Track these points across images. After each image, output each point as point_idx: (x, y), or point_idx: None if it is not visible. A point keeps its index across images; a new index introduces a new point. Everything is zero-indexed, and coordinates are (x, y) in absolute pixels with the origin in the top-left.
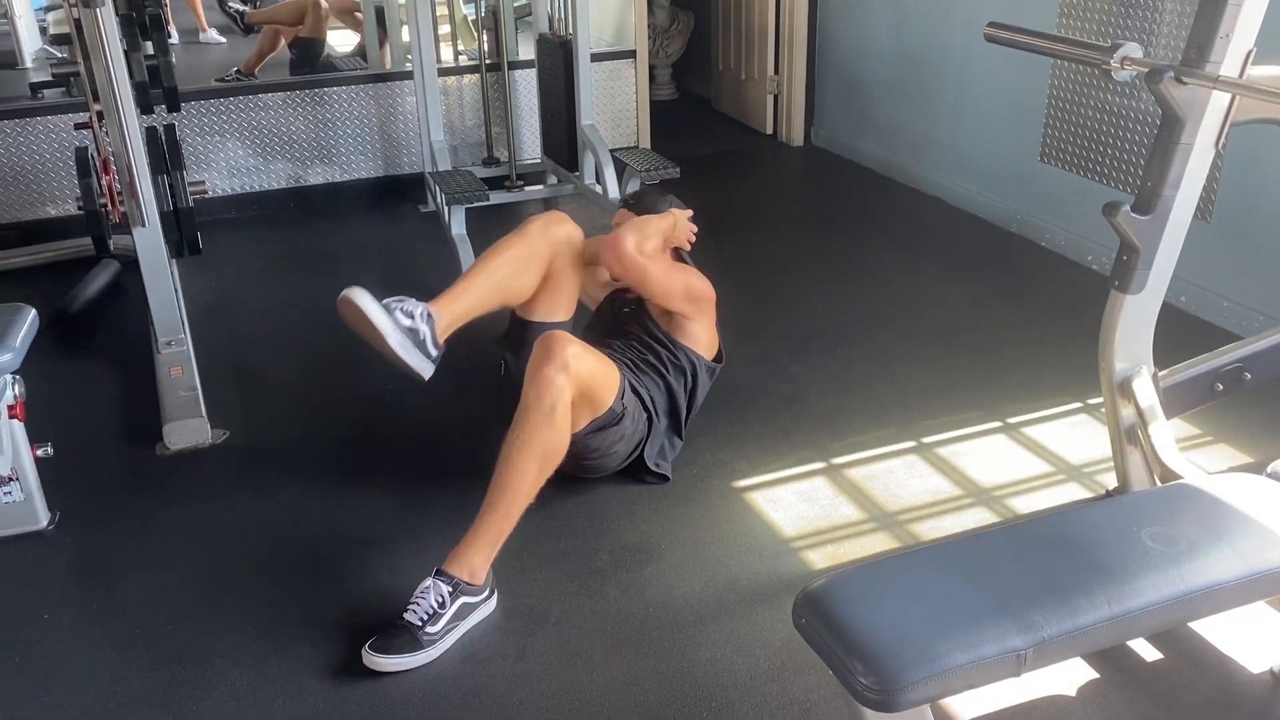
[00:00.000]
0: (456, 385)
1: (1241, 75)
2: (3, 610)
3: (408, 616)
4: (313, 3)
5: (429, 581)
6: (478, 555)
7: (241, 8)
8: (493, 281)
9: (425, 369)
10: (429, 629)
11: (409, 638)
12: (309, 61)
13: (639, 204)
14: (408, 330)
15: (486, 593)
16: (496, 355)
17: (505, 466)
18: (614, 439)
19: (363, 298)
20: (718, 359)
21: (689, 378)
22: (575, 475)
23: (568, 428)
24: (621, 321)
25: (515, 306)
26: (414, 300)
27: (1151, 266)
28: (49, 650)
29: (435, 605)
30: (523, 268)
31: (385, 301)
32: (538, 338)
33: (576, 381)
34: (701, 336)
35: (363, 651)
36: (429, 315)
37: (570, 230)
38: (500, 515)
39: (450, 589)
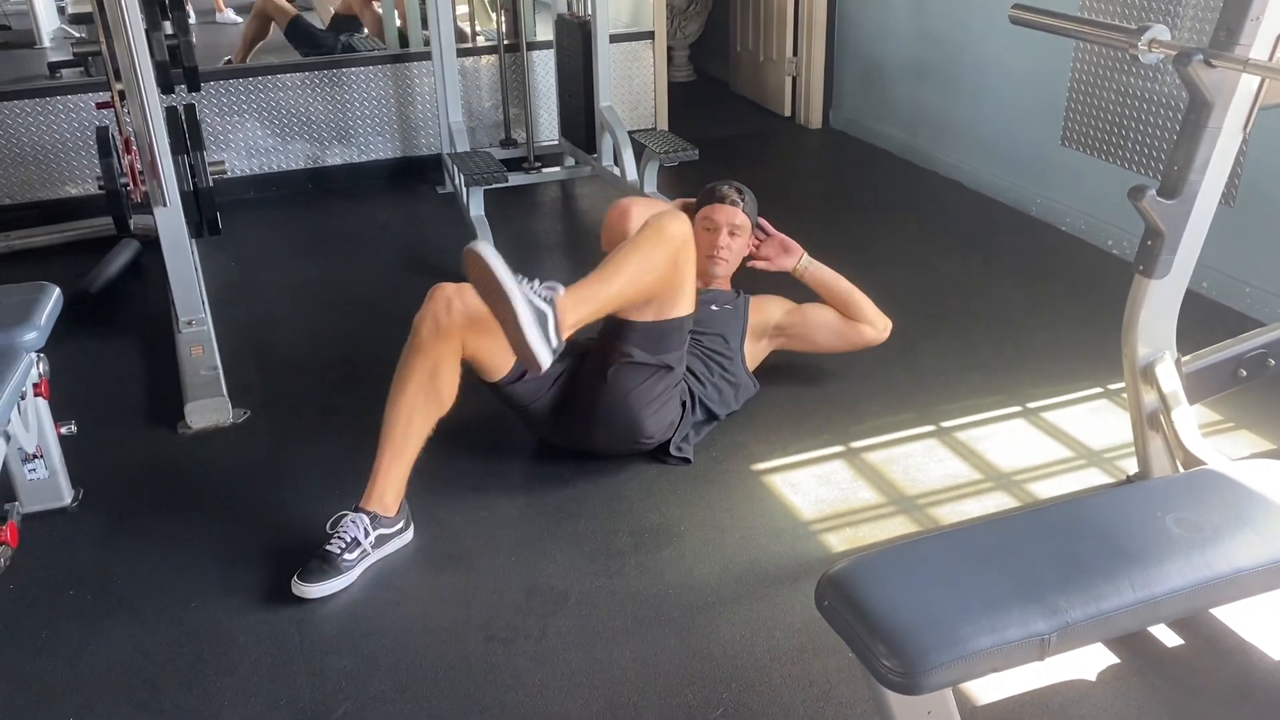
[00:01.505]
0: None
1: (1271, 58)
2: (28, 586)
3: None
4: None
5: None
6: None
7: None
8: (414, 427)
9: (403, 543)
10: (346, 556)
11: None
12: (309, 43)
13: (745, 202)
14: (361, 556)
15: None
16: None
17: (617, 255)
18: (652, 387)
19: (309, 589)
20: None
21: (739, 392)
22: (604, 449)
23: (673, 257)
24: (712, 320)
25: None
26: (349, 518)
27: (1176, 251)
28: (73, 626)
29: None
30: (432, 383)
31: (327, 550)
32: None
33: (685, 252)
34: (757, 358)
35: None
36: (372, 522)
37: (461, 305)
38: (607, 284)
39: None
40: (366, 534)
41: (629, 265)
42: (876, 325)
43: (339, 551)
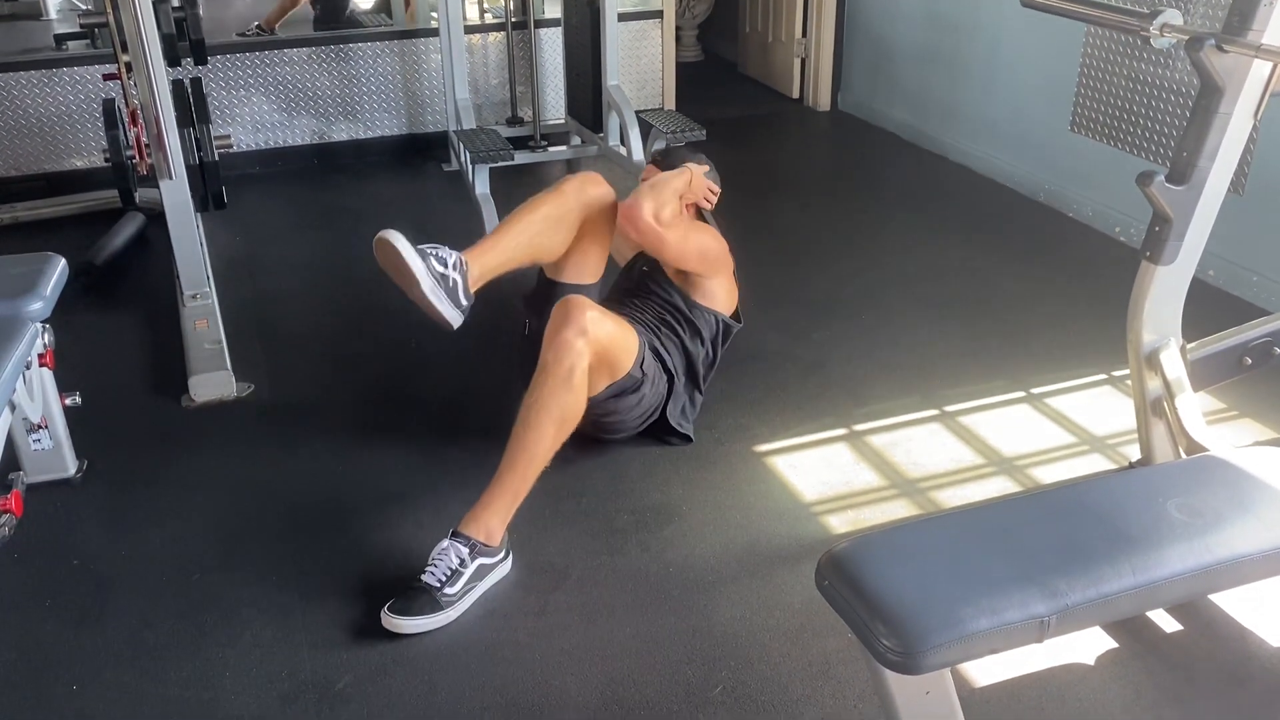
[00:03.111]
0: (480, 342)
1: None
2: (32, 556)
3: (426, 578)
4: None
5: (446, 543)
6: (494, 516)
7: None
8: (526, 236)
9: (455, 318)
10: (447, 590)
11: (428, 599)
12: (334, 17)
13: (666, 160)
14: (440, 277)
15: (502, 554)
16: (520, 314)
17: (522, 429)
18: (634, 403)
19: (398, 240)
20: (735, 317)
21: (705, 337)
22: (596, 437)
23: (584, 391)
24: (640, 279)
25: (544, 265)
26: (448, 248)
27: (1184, 238)
28: (77, 596)
29: (454, 566)
30: (554, 226)
31: (420, 247)
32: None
33: (594, 346)
34: (719, 294)
35: (382, 614)
36: (462, 263)
37: (604, 192)
38: (517, 477)
39: (468, 550)
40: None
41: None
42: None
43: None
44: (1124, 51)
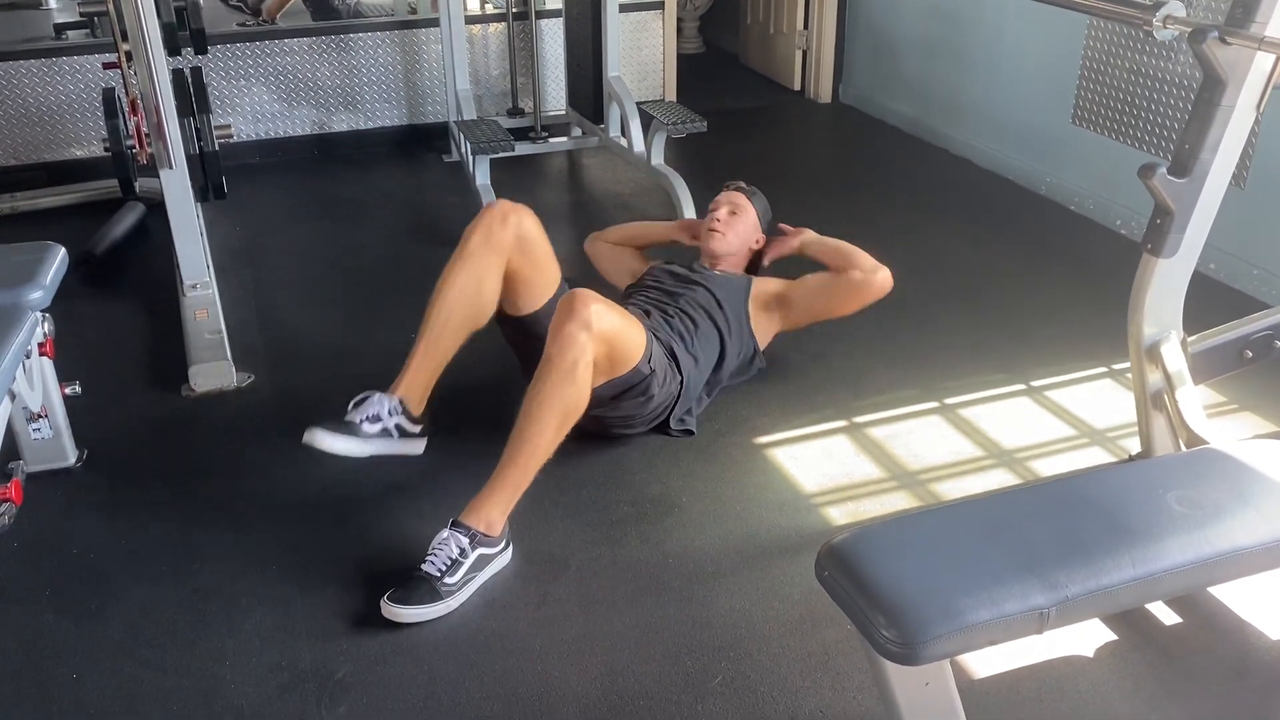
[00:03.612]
0: (481, 334)
1: None
2: (32, 545)
3: (426, 568)
4: None
5: (446, 533)
6: (495, 507)
7: None
8: (450, 328)
9: (416, 450)
10: (447, 580)
11: (428, 588)
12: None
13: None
14: (382, 434)
15: (503, 544)
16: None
17: (525, 421)
18: (642, 403)
19: (325, 440)
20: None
21: (737, 353)
22: (602, 434)
23: (588, 385)
24: (688, 283)
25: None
26: (376, 396)
27: (1185, 231)
28: (77, 585)
29: (454, 556)
30: (475, 292)
31: (348, 419)
32: (550, 311)
33: (599, 339)
34: (769, 333)
35: (382, 602)
36: (399, 406)
37: (516, 221)
38: (518, 469)
39: (468, 540)
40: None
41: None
42: (868, 270)
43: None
44: (1126, 44)
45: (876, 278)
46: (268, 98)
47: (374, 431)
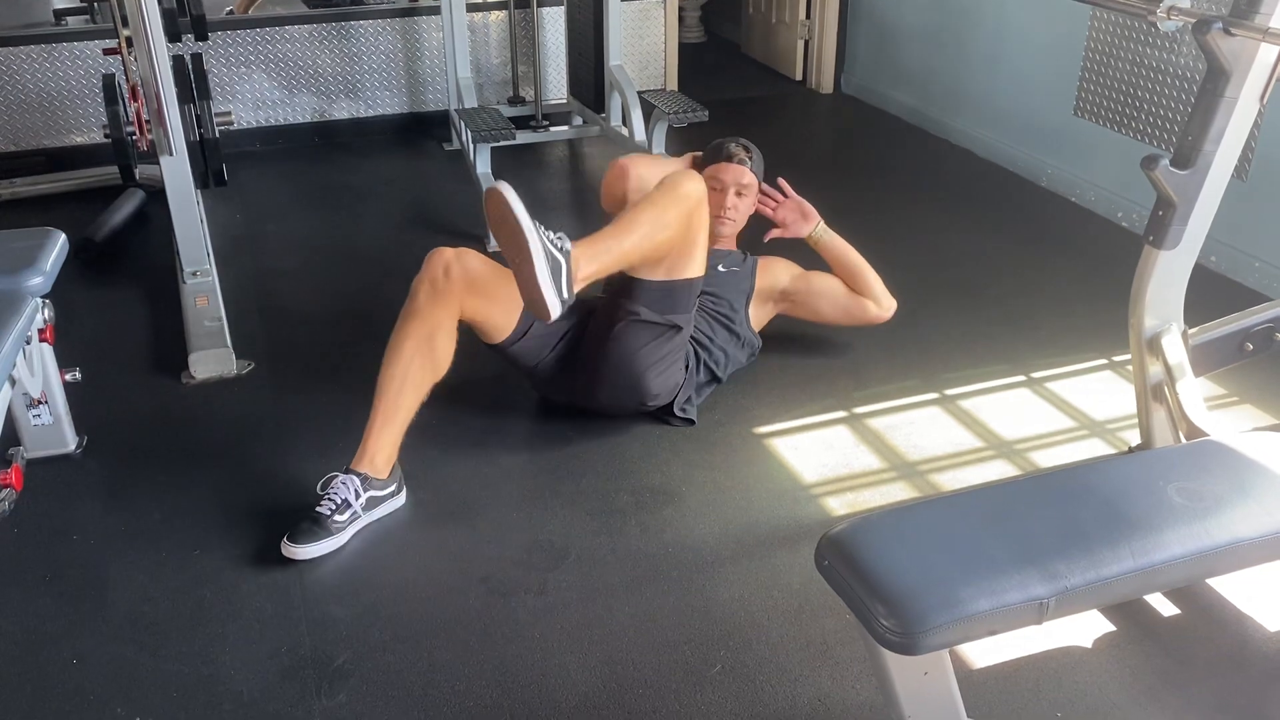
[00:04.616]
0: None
1: None
2: (32, 530)
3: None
4: None
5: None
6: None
7: None
8: (407, 389)
9: (396, 506)
10: (336, 518)
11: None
12: None
13: (753, 158)
14: (352, 519)
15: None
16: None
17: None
18: (660, 343)
19: (301, 551)
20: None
21: (743, 352)
22: (606, 411)
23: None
24: (719, 282)
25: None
26: (340, 479)
27: (1187, 223)
28: (77, 570)
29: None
30: (429, 348)
31: (318, 512)
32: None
33: (684, 217)
34: (764, 319)
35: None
36: (362, 484)
37: (460, 269)
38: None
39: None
40: (357, 495)
41: (643, 222)
42: (881, 303)
43: (329, 513)
44: (1130, 35)
45: (886, 311)
46: (268, 85)
47: (345, 520)
